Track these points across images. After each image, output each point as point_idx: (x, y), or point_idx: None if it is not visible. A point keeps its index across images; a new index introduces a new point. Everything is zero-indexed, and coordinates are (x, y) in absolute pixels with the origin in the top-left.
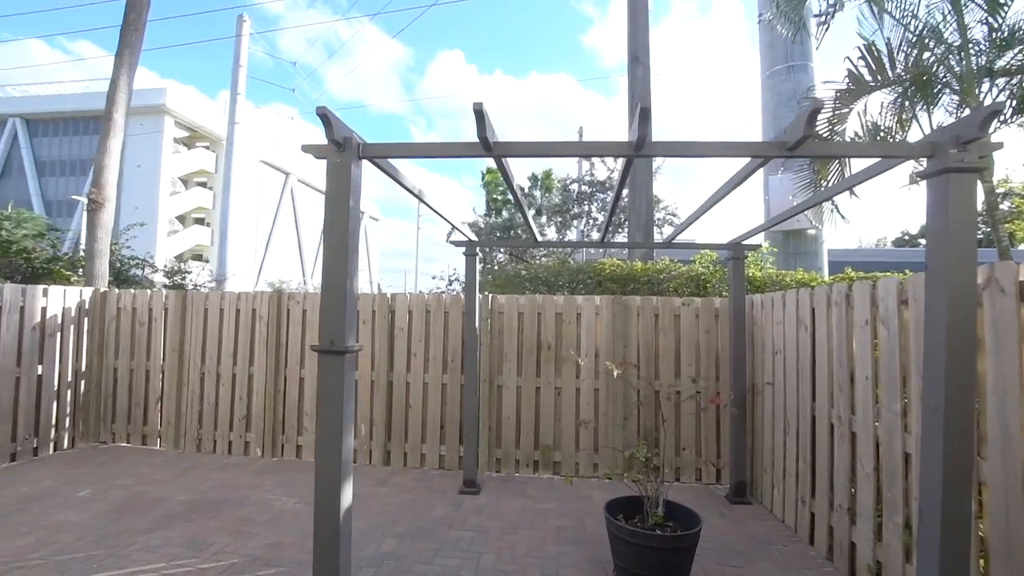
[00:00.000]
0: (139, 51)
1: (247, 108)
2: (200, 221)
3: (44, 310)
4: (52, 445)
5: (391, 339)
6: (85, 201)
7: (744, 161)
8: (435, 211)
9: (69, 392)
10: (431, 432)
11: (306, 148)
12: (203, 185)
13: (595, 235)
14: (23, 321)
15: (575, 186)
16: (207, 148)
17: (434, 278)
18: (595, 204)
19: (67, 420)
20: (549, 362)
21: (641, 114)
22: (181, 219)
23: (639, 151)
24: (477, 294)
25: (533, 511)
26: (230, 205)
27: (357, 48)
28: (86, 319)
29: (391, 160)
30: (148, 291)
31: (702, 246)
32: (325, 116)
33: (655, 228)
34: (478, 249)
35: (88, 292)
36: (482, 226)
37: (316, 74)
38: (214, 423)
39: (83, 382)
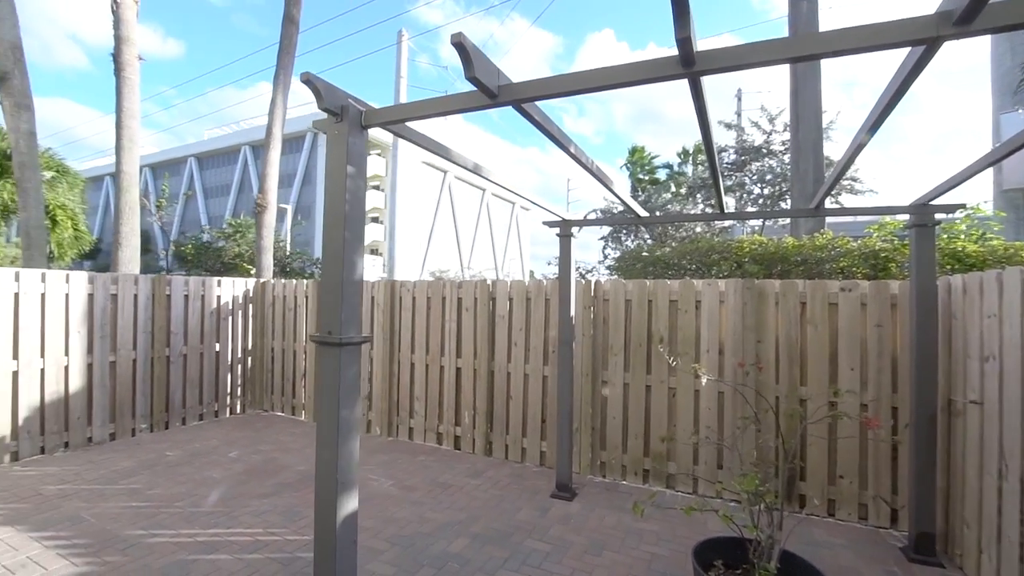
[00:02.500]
0: (291, 71)
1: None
2: (375, 220)
3: (219, 298)
4: (228, 410)
5: (492, 327)
6: (289, 209)
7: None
8: (499, 185)
9: (239, 367)
10: (532, 426)
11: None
12: (376, 188)
13: (752, 210)
14: (204, 307)
15: (725, 154)
16: (379, 155)
17: (549, 263)
18: (750, 174)
19: (238, 390)
20: (662, 357)
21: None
22: None
23: (690, 67)
24: (573, 279)
25: (628, 530)
26: (396, 205)
27: (510, 44)
28: (251, 305)
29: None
30: (294, 281)
31: (864, 210)
32: (310, 82)
33: (830, 199)
34: (573, 231)
35: (252, 282)
36: (619, 209)
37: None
38: None
39: (249, 359)
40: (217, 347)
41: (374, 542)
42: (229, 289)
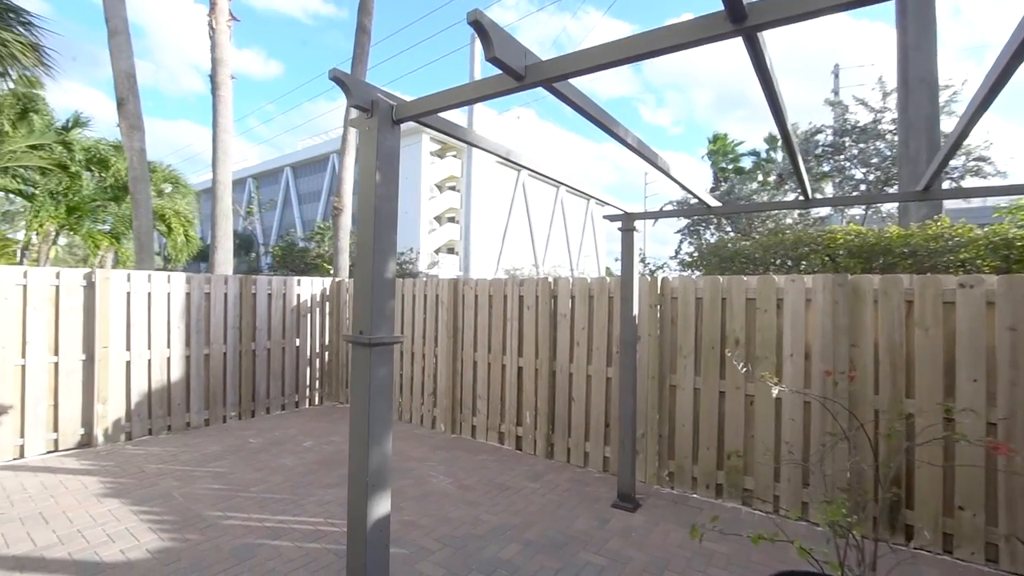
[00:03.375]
0: (365, 76)
1: (489, 116)
2: (452, 219)
3: (298, 296)
4: (307, 401)
5: (553, 326)
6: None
7: None
8: (537, 173)
9: (317, 361)
10: (595, 430)
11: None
12: (453, 189)
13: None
14: (285, 305)
15: (821, 136)
16: (455, 157)
17: (616, 260)
18: (851, 158)
19: (316, 382)
20: (739, 360)
21: None
22: (438, 219)
23: (741, 22)
24: (636, 276)
25: (695, 550)
26: (471, 204)
27: (584, 37)
28: (327, 303)
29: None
30: None
31: (990, 190)
32: (338, 79)
33: (950, 182)
34: (635, 224)
35: (328, 281)
36: (711, 203)
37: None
38: (411, 396)
39: (326, 353)
40: (297, 342)
41: (426, 541)
42: (308, 288)
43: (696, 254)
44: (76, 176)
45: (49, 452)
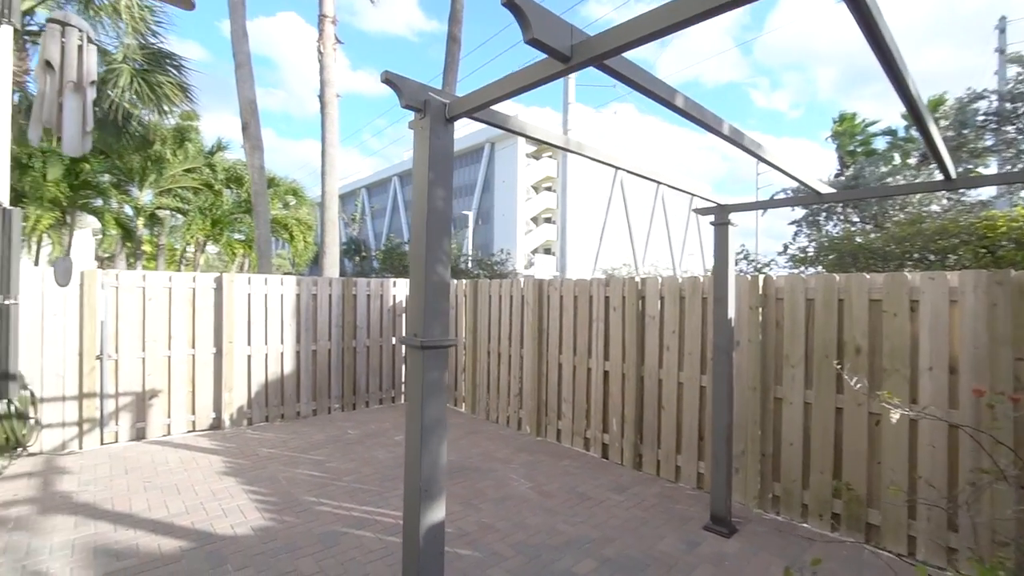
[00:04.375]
0: (455, 87)
1: (585, 114)
2: (549, 220)
3: (394, 297)
4: (402, 396)
5: (641, 329)
6: (471, 215)
7: None
8: (616, 166)
9: None
10: (687, 442)
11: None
12: (549, 189)
13: None
14: (382, 306)
15: (983, 103)
16: (551, 158)
17: (736, 260)
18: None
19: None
20: (860, 373)
21: None
22: (534, 220)
23: None
24: (732, 274)
25: None
26: (567, 204)
27: (689, 29)
28: None
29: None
30: (453, 281)
31: None
32: (389, 81)
33: None
34: (730, 217)
35: None
36: (822, 190)
37: (652, 66)
38: (497, 396)
39: None
40: (393, 340)
41: (500, 546)
42: (403, 289)
43: (810, 250)
44: (218, 193)
45: (188, 431)
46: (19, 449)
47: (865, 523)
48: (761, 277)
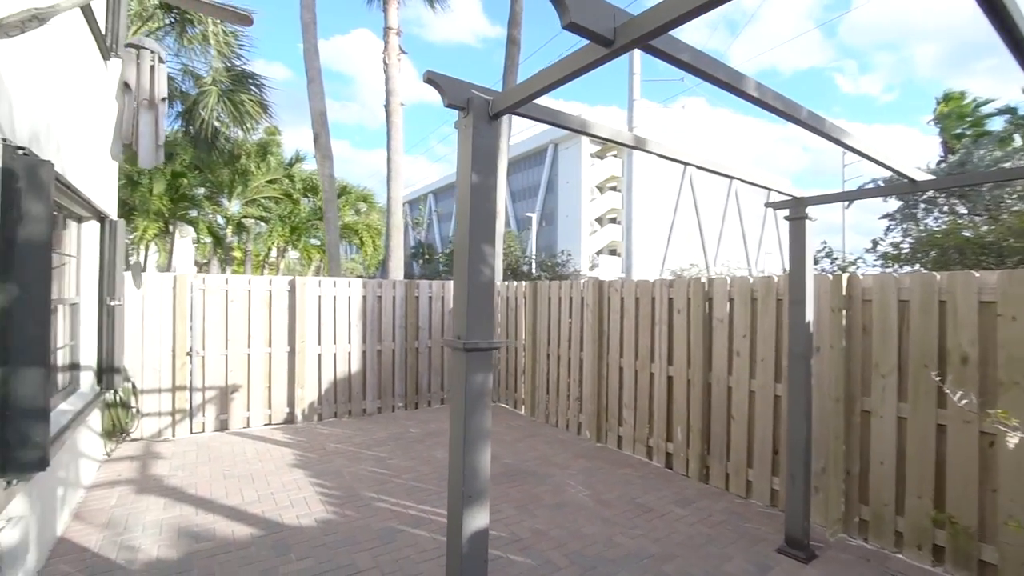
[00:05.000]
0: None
1: (652, 110)
2: (614, 220)
3: (495, 296)
4: None
5: (708, 332)
6: (534, 217)
7: None
8: (686, 163)
9: None
10: (760, 455)
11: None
12: (614, 189)
13: None
14: (443, 307)
15: None
16: (615, 157)
17: (818, 259)
18: None
19: None
20: (966, 385)
21: None
22: (599, 220)
23: None
24: (810, 273)
25: None
26: (632, 203)
27: (762, 13)
28: None
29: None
30: (514, 282)
31: None
32: (431, 81)
33: None
34: (808, 211)
35: None
36: (917, 178)
37: (723, 57)
38: (556, 400)
39: None
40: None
41: (554, 555)
42: None
43: (905, 246)
44: (296, 202)
45: (265, 424)
46: (123, 435)
47: (977, 560)
48: (845, 276)
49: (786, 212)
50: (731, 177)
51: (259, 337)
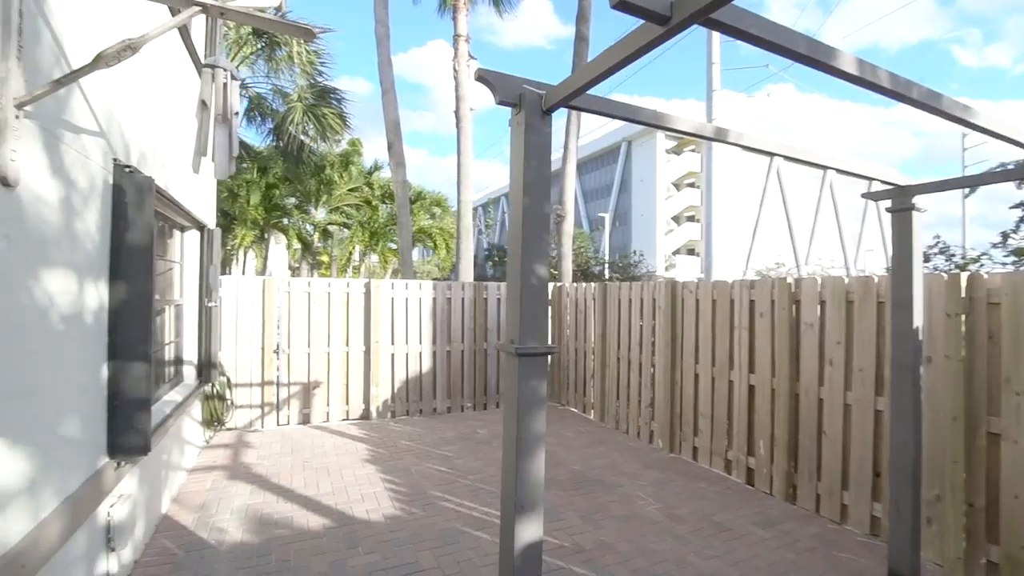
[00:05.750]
0: None
1: (734, 100)
2: (692, 219)
3: (548, 299)
4: None
5: (795, 338)
6: (607, 217)
7: None
8: (772, 154)
9: None
10: (858, 477)
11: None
12: (692, 185)
13: None
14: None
15: None
16: (693, 151)
17: (929, 258)
18: None
19: None
20: None
21: None
22: (675, 219)
23: None
24: (919, 272)
25: None
26: (712, 200)
27: None
28: (549, 307)
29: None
30: (583, 285)
31: None
32: (482, 79)
33: None
34: (915, 201)
35: (549, 286)
36: None
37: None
38: (627, 406)
39: (548, 356)
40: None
41: (618, 570)
42: None
43: None
44: (375, 208)
45: (343, 420)
46: (219, 424)
47: None
48: (964, 276)
49: (888, 203)
50: (823, 167)
51: (338, 337)
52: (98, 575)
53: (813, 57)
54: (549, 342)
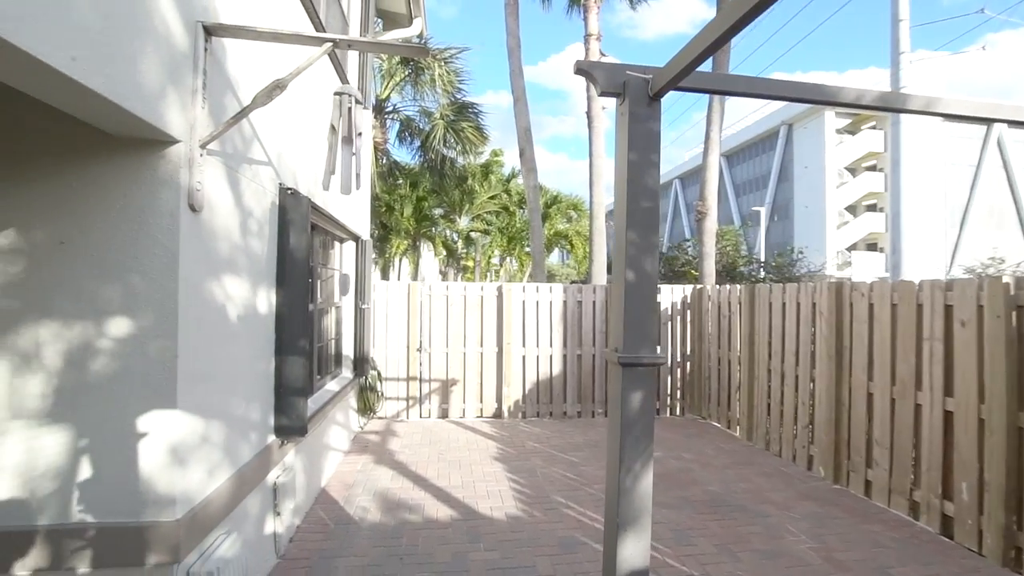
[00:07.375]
0: (727, 69)
1: (933, 61)
2: (873, 208)
3: (659, 304)
4: (668, 410)
5: (1015, 355)
6: (763, 211)
7: None
8: (992, 119)
9: (679, 371)
10: None
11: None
12: (872, 169)
13: None
14: None
15: None
16: (873, 128)
17: None
18: None
19: (678, 392)
20: None
21: None
22: (851, 209)
23: None
24: None
25: None
26: (901, 184)
27: None
28: (688, 311)
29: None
30: (728, 287)
31: None
32: (582, 71)
33: None
34: None
35: (688, 288)
36: None
37: None
38: (780, 424)
39: (688, 364)
40: (657, 350)
41: None
42: (668, 295)
43: None
44: (512, 214)
45: (477, 417)
46: (371, 413)
47: None
48: None
49: None
50: None
51: (473, 338)
52: (267, 532)
53: None
54: (680, 349)
